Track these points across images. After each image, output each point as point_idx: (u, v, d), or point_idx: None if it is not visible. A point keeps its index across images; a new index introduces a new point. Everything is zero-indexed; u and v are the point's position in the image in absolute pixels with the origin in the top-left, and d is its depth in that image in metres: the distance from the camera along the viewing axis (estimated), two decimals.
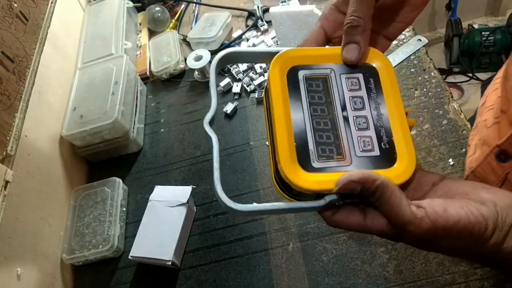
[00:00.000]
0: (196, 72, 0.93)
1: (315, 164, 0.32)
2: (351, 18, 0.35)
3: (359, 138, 0.33)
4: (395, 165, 0.32)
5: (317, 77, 0.36)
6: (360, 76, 0.36)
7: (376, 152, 0.33)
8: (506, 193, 0.31)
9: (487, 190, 0.31)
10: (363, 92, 0.36)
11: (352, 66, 0.37)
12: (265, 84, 0.38)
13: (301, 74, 0.36)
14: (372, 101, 0.35)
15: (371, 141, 0.33)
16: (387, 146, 0.33)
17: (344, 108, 0.35)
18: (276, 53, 0.36)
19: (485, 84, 1.59)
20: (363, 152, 0.33)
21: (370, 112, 0.35)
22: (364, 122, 0.34)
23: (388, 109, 0.35)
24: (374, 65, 0.37)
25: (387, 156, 0.33)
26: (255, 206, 0.31)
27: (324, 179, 0.31)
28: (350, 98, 0.35)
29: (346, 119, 0.34)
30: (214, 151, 0.33)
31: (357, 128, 0.34)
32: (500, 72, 0.55)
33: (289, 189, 0.33)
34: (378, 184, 0.29)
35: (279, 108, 0.34)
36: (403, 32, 0.84)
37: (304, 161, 0.32)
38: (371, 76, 0.36)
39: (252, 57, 0.40)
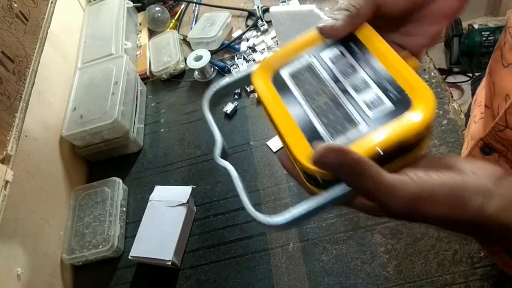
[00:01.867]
0: (196, 72, 0.93)
1: (332, 142, 0.31)
2: (346, 5, 0.34)
3: (364, 100, 0.32)
4: (412, 107, 0.30)
5: (300, 68, 0.35)
6: (339, 46, 0.36)
7: (388, 104, 0.31)
8: (483, 163, 0.31)
9: (467, 161, 0.31)
10: (349, 58, 0.35)
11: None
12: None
13: (284, 73, 0.36)
14: (362, 62, 0.34)
15: (377, 96, 0.32)
16: (397, 94, 0.32)
17: (337, 80, 0.34)
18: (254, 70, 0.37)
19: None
20: (374, 109, 0.31)
21: (364, 72, 0.34)
22: (362, 83, 0.33)
23: (381, 61, 0.34)
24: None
25: (401, 102, 0.31)
26: (292, 214, 0.29)
27: None
28: (339, 69, 0.34)
29: (343, 90, 0.33)
30: (235, 180, 0.33)
31: (357, 92, 0.33)
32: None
33: (324, 183, 0.31)
34: (357, 156, 0.28)
35: (277, 114, 0.33)
36: None
37: None
38: (350, 41, 0.35)
39: (240, 83, 0.39)
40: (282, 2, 0.96)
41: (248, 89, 0.86)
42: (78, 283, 0.74)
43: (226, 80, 0.39)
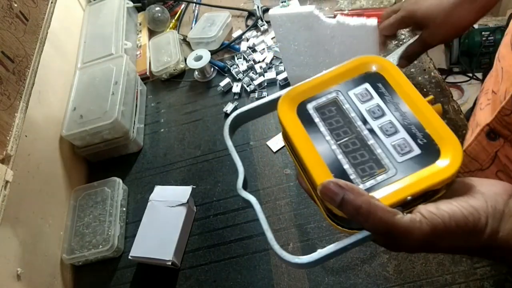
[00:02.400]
0: (196, 72, 0.93)
1: (362, 187, 0.31)
2: None
3: (392, 144, 0.32)
4: (441, 155, 0.31)
5: (327, 103, 0.36)
6: (367, 85, 0.36)
7: (416, 151, 0.32)
8: (491, 181, 0.31)
9: (473, 183, 0.31)
10: (377, 99, 0.35)
11: (358, 79, 0.36)
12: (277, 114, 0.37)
13: (310, 106, 0.36)
14: (390, 104, 0.34)
15: (406, 142, 0.32)
16: (425, 141, 0.32)
17: (365, 121, 0.34)
18: (278, 98, 0.36)
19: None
20: (403, 155, 0.32)
21: (392, 115, 0.34)
22: (391, 127, 0.33)
23: (408, 105, 0.34)
24: (376, 70, 0.36)
25: (429, 150, 0.31)
26: (319, 252, 0.30)
27: (378, 197, 0.30)
28: (367, 109, 0.35)
29: (371, 131, 0.33)
30: (258, 213, 0.33)
31: (386, 135, 0.33)
32: None
33: (348, 222, 0.31)
34: (365, 199, 0.28)
35: (303, 149, 0.33)
36: (403, 32, 0.84)
37: None
38: (378, 81, 0.36)
39: (260, 110, 0.39)
40: (282, 2, 0.96)
41: (248, 89, 0.86)
42: (78, 283, 0.74)
43: (247, 106, 0.38)
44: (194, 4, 1.09)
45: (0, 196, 0.60)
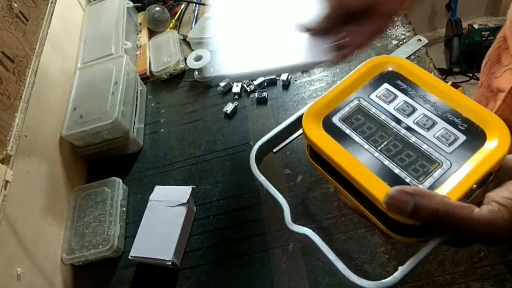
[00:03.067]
0: (196, 72, 0.93)
1: (422, 187, 0.29)
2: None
3: (436, 136, 0.31)
4: (488, 137, 0.30)
5: (352, 112, 0.34)
6: (387, 85, 0.35)
7: (462, 137, 0.30)
8: None
9: None
10: (402, 97, 0.34)
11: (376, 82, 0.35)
12: (306, 146, 0.35)
13: (336, 119, 0.34)
14: (416, 98, 0.33)
15: (448, 131, 0.31)
16: (466, 125, 0.31)
17: (398, 120, 0.33)
18: (300, 117, 0.35)
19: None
20: (451, 145, 0.30)
21: (424, 108, 0.33)
22: (427, 120, 0.32)
23: (435, 95, 0.33)
24: (390, 69, 0.36)
25: (474, 134, 0.30)
26: (402, 270, 0.27)
27: (443, 194, 0.28)
28: (396, 108, 0.33)
29: (409, 128, 0.32)
30: (319, 245, 0.30)
31: (425, 129, 0.32)
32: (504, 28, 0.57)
33: (413, 231, 0.29)
34: (439, 200, 0.26)
35: (346, 163, 0.31)
36: (403, 32, 0.84)
37: None
38: (396, 79, 0.35)
39: (282, 135, 0.37)
40: None
41: (248, 89, 0.86)
42: (78, 283, 0.74)
43: (268, 134, 0.37)
44: (194, 4, 1.09)
45: (0, 196, 0.60)
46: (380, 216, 0.31)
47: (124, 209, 0.79)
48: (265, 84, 0.86)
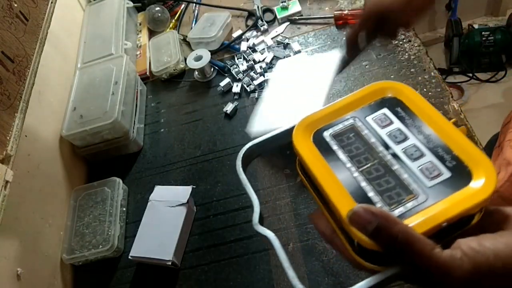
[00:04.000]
0: (196, 72, 0.93)
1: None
2: None
3: (420, 168, 0.30)
4: (473, 177, 0.29)
5: (344, 130, 0.34)
6: (385, 110, 0.35)
7: (446, 174, 0.30)
8: None
9: None
10: (397, 124, 0.33)
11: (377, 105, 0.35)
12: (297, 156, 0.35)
13: (327, 134, 0.34)
14: (412, 127, 0.33)
15: (433, 165, 0.30)
16: (454, 163, 0.30)
17: (387, 146, 0.32)
18: (292, 127, 0.35)
19: None
20: (432, 179, 0.30)
21: (416, 138, 0.32)
22: (415, 151, 0.31)
23: (431, 127, 0.32)
24: (392, 95, 0.35)
25: (460, 173, 0.30)
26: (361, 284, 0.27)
27: (411, 224, 0.28)
28: (388, 134, 0.33)
29: (395, 155, 0.32)
30: (277, 249, 0.30)
31: (412, 160, 0.31)
32: None
33: (377, 256, 0.29)
34: (401, 227, 0.25)
35: (323, 177, 0.31)
36: (403, 32, 0.84)
37: None
38: (396, 106, 0.35)
39: (272, 142, 0.37)
40: (282, 2, 0.96)
41: (248, 89, 0.86)
42: (78, 283, 0.74)
43: (260, 138, 0.37)
44: (194, 4, 1.09)
45: (0, 196, 0.60)
46: (346, 236, 0.31)
47: (124, 209, 0.79)
48: (265, 84, 0.86)
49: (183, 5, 1.10)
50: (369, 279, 0.27)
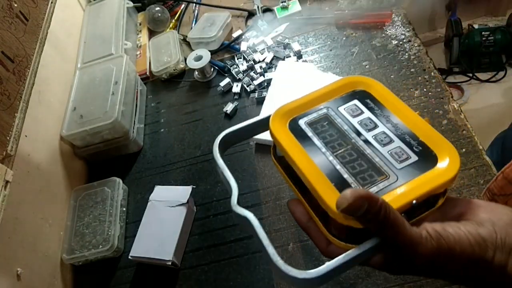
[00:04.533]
0: (196, 72, 0.93)
1: None
2: None
3: (389, 152, 0.33)
4: (438, 160, 0.32)
5: (318, 119, 0.37)
6: (356, 101, 0.38)
7: (414, 158, 0.33)
8: (504, 210, 0.30)
9: (484, 209, 0.30)
10: (367, 113, 0.36)
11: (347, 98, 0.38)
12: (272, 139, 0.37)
13: (302, 122, 0.37)
14: (380, 117, 0.36)
15: (402, 150, 0.33)
16: (420, 148, 0.33)
17: (358, 133, 0.35)
18: (267, 117, 0.37)
19: None
20: (402, 162, 0.32)
21: (385, 126, 0.35)
22: (385, 137, 0.34)
23: (399, 117, 0.35)
24: (362, 88, 0.38)
25: (427, 156, 0.32)
26: (327, 265, 0.28)
27: None
28: (359, 122, 0.36)
29: (366, 141, 0.34)
30: (256, 228, 0.32)
31: (382, 145, 0.34)
32: None
33: (351, 234, 0.31)
34: (382, 202, 0.27)
35: (301, 161, 0.33)
36: (403, 32, 0.84)
37: None
38: (366, 98, 0.38)
39: (249, 131, 0.40)
40: (282, 2, 0.96)
41: (248, 89, 0.86)
42: (78, 283, 0.74)
43: (236, 126, 0.39)
44: (194, 4, 1.09)
45: (0, 196, 0.61)
46: (323, 219, 0.33)
47: (124, 209, 0.79)
48: (265, 84, 0.86)
49: (183, 5, 1.10)
50: (349, 251, 0.29)
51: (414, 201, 0.30)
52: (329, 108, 0.37)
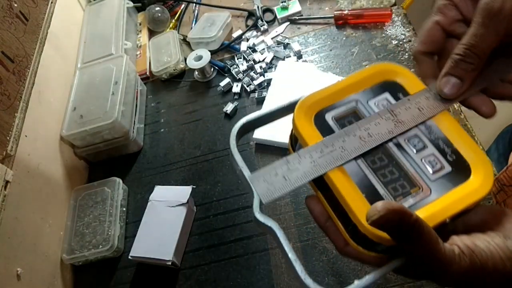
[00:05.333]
0: (196, 72, 0.93)
1: None
2: (466, 52, 0.30)
3: (423, 160, 0.30)
4: (472, 173, 0.29)
5: (346, 113, 0.33)
6: (387, 95, 0.33)
7: (448, 168, 0.30)
8: None
9: (508, 219, 0.29)
10: None
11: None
12: (291, 134, 0.33)
13: (329, 117, 0.33)
14: None
15: (436, 158, 0.30)
16: (454, 157, 0.30)
17: (389, 133, 0.31)
18: (292, 104, 0.33)
19: None
20: (435, 173, 0.29)
21: (418, 128, 0.31)
22: (418, 142, 0.31)
23: (432, 118, 0.32)
24: (394, 79, 0.34)
25: (460, 168, 0.30)
26: (357, 285, 0.27)
27: None
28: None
29: (398, 145, 0.31)
30: (282, 241, 0.28)
31: (415, 151, 0.31)
32: None
33: (376, 246, 0.29)
34: (416, 218, 0.25)
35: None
36: (403, 32, 0.84)
37: None
38: (397, 90, 0.33)
39: (269, 117, 0.35)
40: (282, 2, 0.96)
41: (248, 89, 0.86)
42: (78, 283, 0.74)
43: (256, 113, 0.35)
44: (194, 4, 1.09)
45: (0, 196, 0.61)
46: (346, 224, 0.30)
47: (124, 209, 0.79)
48: (265, 84, 0.86)
49: (183, 5, 1.10)
50: (377, 271, 0.27)
51: (447, 219, 0.28)
52: (359, 101, 0.33)
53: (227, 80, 0.88)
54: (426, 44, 0.33)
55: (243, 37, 0.96)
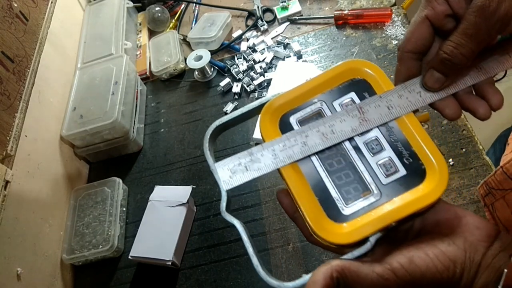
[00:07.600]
0: (196, 72, 0.93)
1: (346, 211, 0.30)
2: (453, 52, 0.29)
3: (378, 163, 0.31)
4: (426, 178, 0.30)
5: (310, 115, 0.33)
6: (353, 94, 0.33)
7: (402, 172, 0.30)
8: (477, 221, 0.29)
9: (460, 222, 0.29)
10: None
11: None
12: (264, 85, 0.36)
13: (293, 120, 0.33)
14: None
15: (391, 162, 0.31)
16: (411, 160, 0.30)
17: (350, 138, 0.32)
18: (261, 105, 0.34)
19: None
20: (388, 177, 0.30)
21: (378, 129, 0.32)
22: (376, 144, 0.31)
23: (395, 120, 0.32)
24: (361, 77, 0.34)
25: (414, 171, 0.30)
26: (305, 279, 0.28)
27: (362, 223, 0.29)
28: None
29: (356, 148, 0.31)
30: (243, 236, 0.31)
31: (371, 154, 0.31)
32: None
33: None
34: (337, 275, 0.27)
35: (286, 169, 0.31)
36: (403, 32, 0.84)
37: (334, 213, 0.30)
38: (364, 89, 0.33)
39: (240, 119, 0.36)
40: (282, 2, 0.96)
41: (248, 89, 0.86)
42: (78, 283, 0.74)
43: (226, 117, 0.35)
44: (194, 4, 1.09)
45: (0, 196, 0.61)
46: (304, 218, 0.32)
47: (124, 209, 0.79)
48: (265, 84, 0.86)
49: (183, 5, 1.10)
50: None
51: (393, 223, 0.29)
52: (324, 103, 0.33)
53: (227, 80, 0.88)
54: (413, 42, 0.32)
55: (243, 37, 0.96)
